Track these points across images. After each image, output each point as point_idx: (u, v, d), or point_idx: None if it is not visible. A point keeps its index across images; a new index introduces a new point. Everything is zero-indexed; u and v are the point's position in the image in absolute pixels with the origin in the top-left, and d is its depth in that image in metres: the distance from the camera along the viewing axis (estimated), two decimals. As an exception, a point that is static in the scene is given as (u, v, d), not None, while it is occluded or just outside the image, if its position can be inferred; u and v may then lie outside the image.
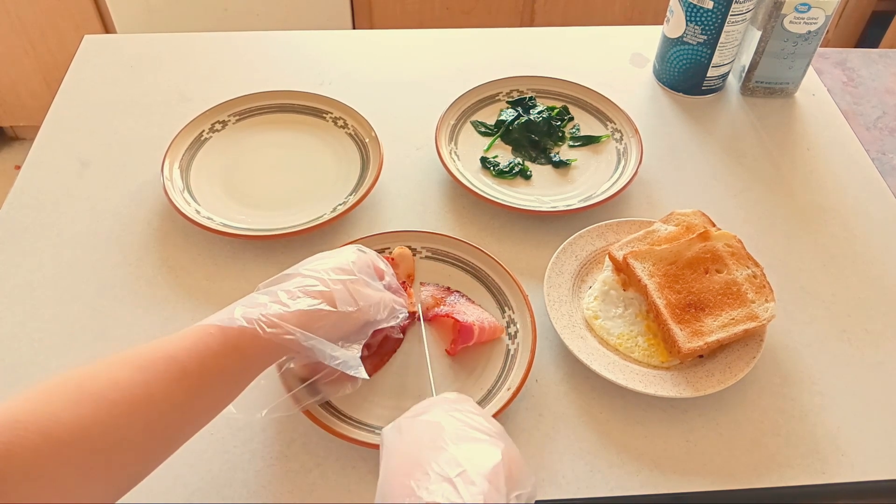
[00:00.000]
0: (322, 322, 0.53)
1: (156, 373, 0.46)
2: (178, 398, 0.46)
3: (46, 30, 1.76)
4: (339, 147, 0.86)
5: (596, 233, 0.76)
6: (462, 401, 0.51)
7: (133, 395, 0.44)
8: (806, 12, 0.87)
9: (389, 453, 0.47)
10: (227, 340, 0.49)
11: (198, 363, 0.47)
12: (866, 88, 1.11)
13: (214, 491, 0.58)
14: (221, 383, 0.50)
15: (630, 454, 0.62)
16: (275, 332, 0.50)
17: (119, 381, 0.44)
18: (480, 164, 0.86)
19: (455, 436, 0.46)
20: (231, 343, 0.49)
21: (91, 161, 0.85)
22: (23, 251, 0.75)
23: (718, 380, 0.64)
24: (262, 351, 0.51)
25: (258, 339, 0.50)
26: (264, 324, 0.50)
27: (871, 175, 0.89)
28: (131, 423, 0.43)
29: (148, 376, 0.45)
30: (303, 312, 0.52)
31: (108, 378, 0.44)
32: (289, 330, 0.51)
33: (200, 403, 0.49)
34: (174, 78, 0.97)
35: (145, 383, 0.45)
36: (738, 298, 0.68)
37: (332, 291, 0.54)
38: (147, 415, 0.44)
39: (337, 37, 1.07)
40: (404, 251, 0.72)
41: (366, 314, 0.56)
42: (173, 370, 0.46)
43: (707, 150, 0.91)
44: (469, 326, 0.65)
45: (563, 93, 0.94)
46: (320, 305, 0.53)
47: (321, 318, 0.53)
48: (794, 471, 0.62)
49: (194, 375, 0.47)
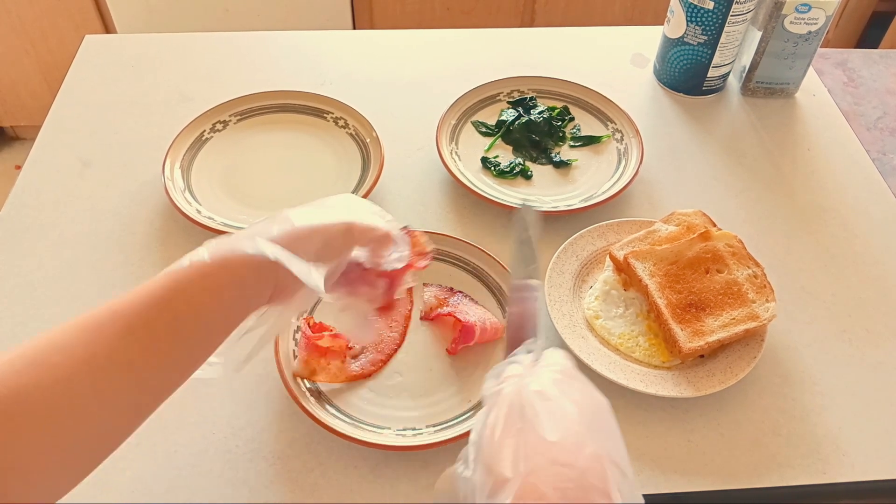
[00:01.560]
0: (281, 240, 0.48)
1: (99, 330, 0.41)
2: (124, 356, 0.42)
3: (47, 30, 1.76)
4: (340, 147, 0.87)
5: (597, 233, 0.76)
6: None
7: (74, 355, 0.40)
8: (806, 13, 0.87)
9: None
10: (174, 284, 0.44)
11: (143, 316, 0.43)
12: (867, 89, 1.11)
13: (216, 491, 0.59)
14: (176, 332, 0.44)
15: (631, 454, 0.61)
16: (217, 248, 0.45)
17: (61, 344, 0.41)
18: (481, 164, 0.86)
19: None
20: (179, 286, 0.44)
21: (92, 161, 0.85)
22: (23, 251, 0.75)
23: (719, 380, 0.64)
24: (234, 280, 0.46)
25: (206, 274, 0.45)
26: (253, 245, 0.46)
27: (871, 175, 0.89)
28: (73, 385, 0.40)
29: (91, 336, 0.41)
30: (285, 230, 0.48)
31: (49, 342, 0.41)
32: (233, 243, 0.46)
33: (153, 360, 0.43)
34: (175, 78, 0.97)
35: (87, 343, 0.41)
36: (738, 298, 0.68)
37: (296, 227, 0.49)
38: (91, 376, 0.40)
39: (337, 37, 1.07)
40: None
41: (334, 228, 0.51)
42: (118, 326, 0.42)
43: (708, 151, 0.91)
44: (470, 326, 0.65)
45: (564, 93, 0.94)
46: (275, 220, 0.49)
47: (297, 237, 0.48)
48: (794, 471, 0.62)
49: (139, 329, 0.42)
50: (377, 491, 0.59)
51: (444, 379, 0.66)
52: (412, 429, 0.62)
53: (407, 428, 0.62)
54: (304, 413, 0.60)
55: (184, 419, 0.62)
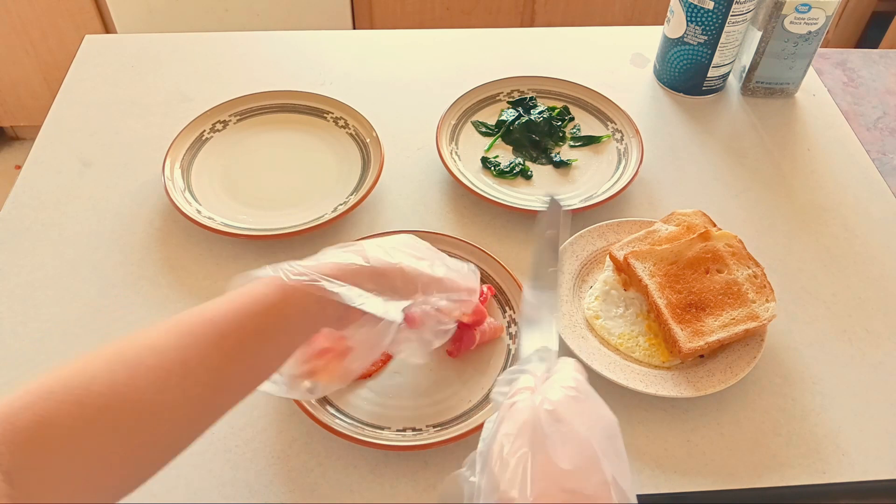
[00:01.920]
0: (355, 277, 0.50)
1: (193, 336, 0.44)
2: (215, 362, 0.44)
3: (47, 30, 1.76)
4: (340, 147, 0.87)
5: (597, 233, 0.76)
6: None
7: (169, 359, 0.42)
8: (806, 13, 0.87)
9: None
10: (263, 298, 0.47)
11: (236, 325, 0.45)
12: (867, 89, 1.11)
13: (216, 490, 0.59)
14: (260, 345, 0.47)
15: (631, 454, 0.62)
16: (300, 279, 0.48)
17: (156, 346, 0.43)
18: (481, 164, 0.86)
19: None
20: (268, 300, 0.47)
21: (92, 161, 0.85)
22: (24, 251, 0.75)
23: (719, 379, 0.64)
24: (299, 307, 0.48)
25: (295, 295, 0.47)
26: (289, 272, 0.48)
27: (871, 175, 0.89)
28: (168, 387, 0.42)
29: (185, 340, 0.43)
30: (335, 264, 0.50)
31: (144, 343, 0.43)
32: (314, 277, 0.48)
33: (239, 368, 0.46)
34: (175, 78, 0.97)
35: (182, 347, 0.43)
36: (738, 298, 0.68)
37: (370, 261, 0.51)
38: (184, 379, 0.43)
39: (337, 37, 1.07)
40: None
41: (408, 279, 0.52)
42: (210, 333, 0.44)
43: (708, 151, 0.91)
44: (471, 333, 0.65)
45: (564, 93, 0.94)
46: (354, 258, 0.50)
47: (354, 272, 0.50)
48: (794, 471, 0.62)
49: (232, 337, 0.45)
50: (377, 491, 0.59)
51: (444, 379, 0.66)
52: (412, 429, 0.62)
53: (407, 428, 0.62)
54: (304, 413, 0.60)
55: (184, 419, 0.62)
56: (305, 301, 0.48)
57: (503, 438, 0.39)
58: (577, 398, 0.41)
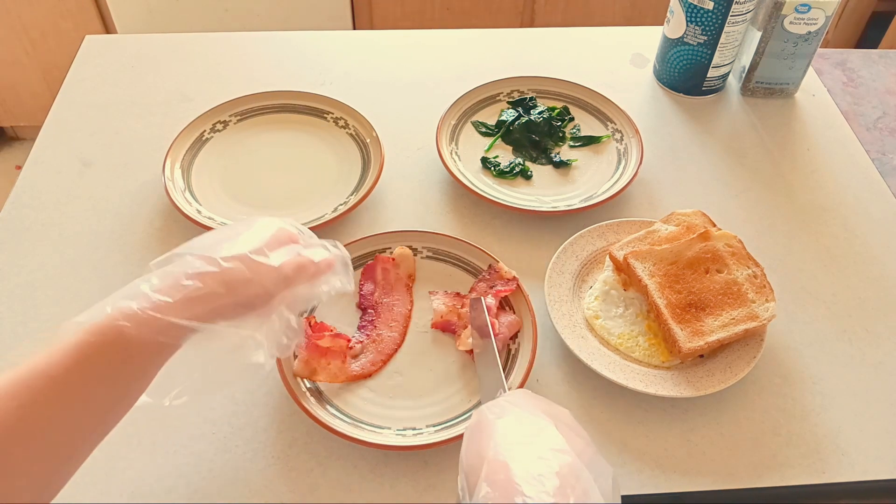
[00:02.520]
0: (212, 304, 0.47)
1: (31, 396, 0.42)
2: (58, 416, 0.43)
3: (47, 30, 1.76)
4: (340, 147, 0.87)
5: (596, 233, 0.76)
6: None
7: (6, 423, 0.41)
8: (806, 13, 0.87)
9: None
10: (101, 341, 0.44)
11: (75, 374, 0.43)
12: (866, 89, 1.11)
13: (216, 490, 0.59)
14: (103, 391, 0.45)
15: (631, 454, 0.62)
16: (146, 328, 0.45)
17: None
18: (481, 164, 0.86)
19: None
20: (106, 343, 0.44)
21: (92, 161, 0.85)
22: (24, 251, 0.75)
23: (719, 379, 0.64)
24: (144, 348, 0.45)
25: (134, 337, 0.45)
26: (132, 317, 0.45)
27: (871, 175, 0.89)
28: (10, 452, 0.41)
29: (23, 401, 0.42)
30: (187, 298, 0.46)
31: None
32: (162, 322, 0.45)
33: (84, 415, 0.44)
34: (175, 78, 0.97)
35: (20, 408, 0.41)
36: (738, 298, 0.68)
37: (222, 271, 0.48)
38: (28, 441, 0.42)
39: (337, 37, 1.07)
40: (405, 251, 0.72)
41: (269, 285, 0.50)
42: (49, 389, 0.42)
43: (707, 151, 0.91)
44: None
45: (564, 93, 0.94)
46: (200, 288, 0.47)
47: (209, 299, 0.47)
48: (794, 470, 0.62)
49: (74, 388, 0.43)
50: (377, 491, 0.59)
51: (444, 379, 0.66)
52: (412, 429, 0.62)
53: (407, 428, 0.62)
54: (304, 413, 0.60)
55: (184, 419, 0.63)
56: (151, 342, 0.46)
57: (464, 450, 0.45)
58: (513, 395, 0.48)
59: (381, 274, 0.71)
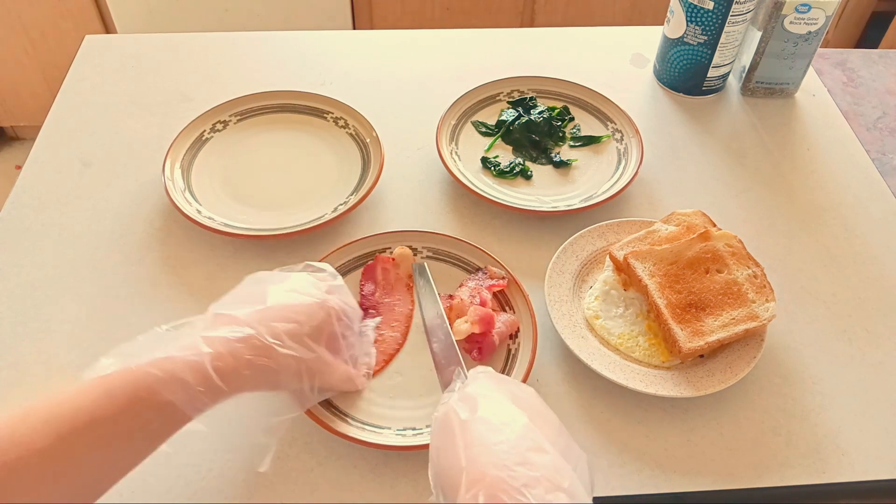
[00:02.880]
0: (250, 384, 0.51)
1: (76, 434, 0.44)
2: (91, 456, 0.44)
3: (47, 30, 1.76)
4: (340, 147, 0.87)
5: (596, 233, 0.76)
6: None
7: (54, 463, 0.42)
8: (806, 13, 0.87)
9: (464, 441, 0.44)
10: (147, 396, 0.46)
11: (120, 423, 0.45)
12: (866, 89, 1.11)
13: (216, 490, 0.59)
14: (138, 443, 0.47)
15: (631, 454, 0.62)
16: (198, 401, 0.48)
17: (40, 450, 0.42)
18: (481, 164, 0.86)
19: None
20: (151, 400, 0.46)
21: (92, 161, 0.85)
22: (24, 251, 0.75)
23: (719, 379, 0.64)
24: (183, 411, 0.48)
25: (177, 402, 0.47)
26: (186, 390, 0.47)
27: (871, 175, 0.89)
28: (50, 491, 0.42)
29: (70, 440, 0.43)
30: (236, 377, 0.50)
31: (26, 445, 0.42)
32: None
33: (115, 461, 0.46)
34: (175, 78, 0.97)
35: (69, 448, 0.43)
36: (738, 298, 0.68)
37: (277, 358, 0.51)
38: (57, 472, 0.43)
39: (337, 37, 1.07)
40: (405, 251, 0.72)
41: (305, 382, 0.54)
42: (92, 433, 0.44)
43: (707, 151, 0.91)
44: (489, 339, 0.65)
45: (564, 93, 0.94)
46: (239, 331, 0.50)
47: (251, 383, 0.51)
48: (794, 470, 0.62)
49: (115, 436, 0.45)
50: (377, 491, 0.59)
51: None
52: (412, 429, 0.62)
53: (407, 428, 0.62)
54: (305, 413, 0.60)
55: (184, 419, 0.62)
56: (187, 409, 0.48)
57: (433, 447, 0.45)
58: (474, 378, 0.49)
59: (382, 274, 0.71)
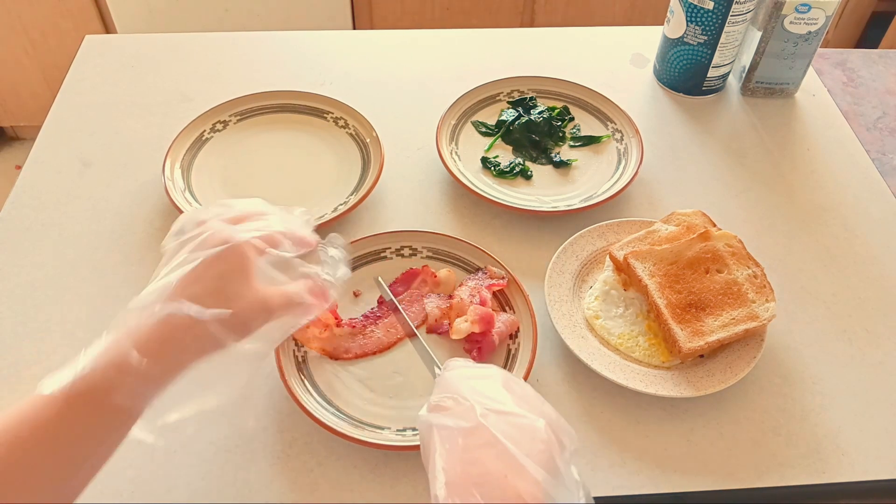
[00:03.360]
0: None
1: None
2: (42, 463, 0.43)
3: (47, 30, 1.76)
4: (340, 147, 0.87)
5: (596, 233, 0.76)
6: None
7: None
8: (806, 13, 0.87)
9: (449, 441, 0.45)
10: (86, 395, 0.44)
11: (63, 426, 0.43)
12: (866, 89, 1.11)
13: (216, 490, 0.59)
14: (87, 441, 0.45)
15: (631, 454, 0.62)
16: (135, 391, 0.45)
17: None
18: (481, 164, 0.86)
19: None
20: (90, 396, 0.44)
21: (92, 161, 0.85)
22: (24, 251, 0.75)
23: (719, 379, 0.64)
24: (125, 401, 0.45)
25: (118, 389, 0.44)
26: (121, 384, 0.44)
27: (871, 175, 0.89)
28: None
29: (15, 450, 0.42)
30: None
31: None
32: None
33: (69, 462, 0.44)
34: (175, 78, 0.97)
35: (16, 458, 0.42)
36: (738, 298, 0.68)
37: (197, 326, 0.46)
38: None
39: (337, 37, 1.07)
40: (451, 276, 0.71)
41: (251, 321, 0.49)
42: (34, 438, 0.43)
43: (707, 151, 0.91)
44: (489, 339, 0.65)
45: (564, 93, 0.94)
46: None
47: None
48: (794, 470, 0.62)
49: (61, 439, 0.44)
50: (377, 491, 0.59)
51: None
52: (412, 429, 0.62)
53: (407, 428, 0.62)
54: (304, 413, 0.60)
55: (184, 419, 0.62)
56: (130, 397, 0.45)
57: (423, 455, 0.45)
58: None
59: (418, 284, 0.71)
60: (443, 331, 0.68)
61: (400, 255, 0.74)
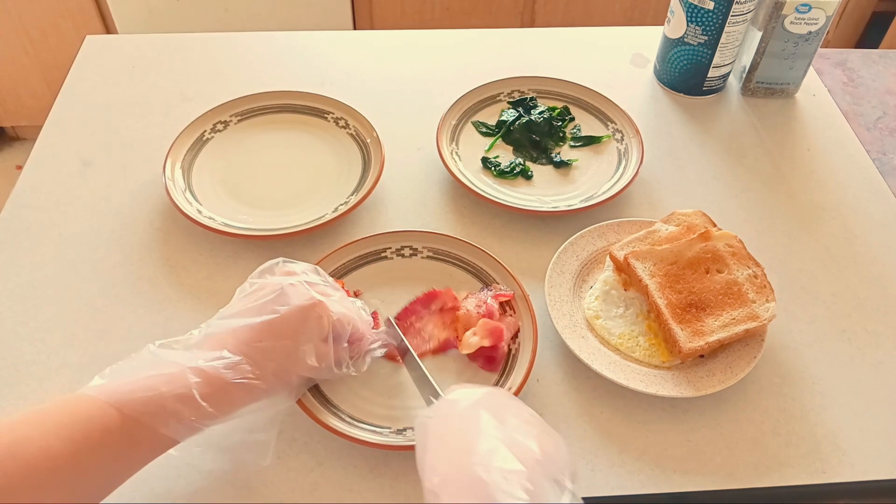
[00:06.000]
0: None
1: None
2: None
3: (47, 30, 1.76)
4: (341, 147, 0.87)
5: (597, 233, 0.76)
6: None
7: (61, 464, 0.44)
8: (806, 13, 0.87)
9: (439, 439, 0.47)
10: (120, 424, 0.48)
11: (83, 455, 0.46)
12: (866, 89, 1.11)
13: (216, 490, 0.59)
14: (109, 468, 0.49)
15: (631, 454, 0.62)
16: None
17: (49, 450, 0.44)
18: (482, 164, 0.86)
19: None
20: (121, 426, 0.48)
21: (93, 161, 0.85)
22: (24, 251, 0.75)
23: (719, 379, 0.64)
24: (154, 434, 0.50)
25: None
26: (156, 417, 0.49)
27: (871, 175, 0.89)
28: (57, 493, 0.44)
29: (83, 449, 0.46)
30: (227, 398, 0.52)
31: (39, 447, 0.44)
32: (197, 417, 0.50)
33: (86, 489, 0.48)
34: (175, 78, 0.97)
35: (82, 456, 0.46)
36: (738, 298, 0.68)
37: (265, 378, 0.54)
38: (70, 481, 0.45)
39: (338, 37, 1.07)
40: (469, 315, 0.68)
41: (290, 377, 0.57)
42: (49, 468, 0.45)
43: (708, 151, 0.91)
44: (499, 349, 0.65)
45: (564, 93, 0.94)
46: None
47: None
48: (794, 470, 0.62)
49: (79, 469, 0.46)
50: (377, 491, 0.59)
51: (444, 379, 0.66)
52: (412, 429, 0.62)
53: (407, 428, 0.62)
54: (305, 413, 0.60)
55: (184, 419, 0.62)
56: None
57: (418, 460, 0.47)
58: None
59: (436, 306, 0.69)
60: (449, 347, 0.67)
61: (400, 255, 0.74)
